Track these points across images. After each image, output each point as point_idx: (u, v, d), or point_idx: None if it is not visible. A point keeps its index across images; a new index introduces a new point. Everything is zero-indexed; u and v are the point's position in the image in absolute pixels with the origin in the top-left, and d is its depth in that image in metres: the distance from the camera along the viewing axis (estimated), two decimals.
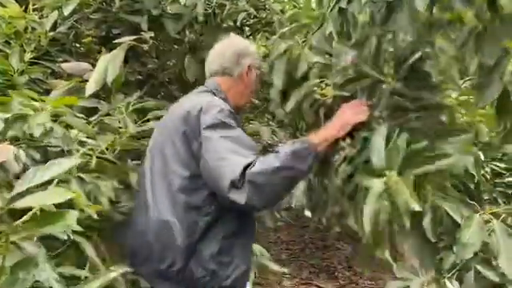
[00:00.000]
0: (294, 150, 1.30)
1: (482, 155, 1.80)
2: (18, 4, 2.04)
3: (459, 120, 1.50)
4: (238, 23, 2.52)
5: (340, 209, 1.82)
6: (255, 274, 1.84)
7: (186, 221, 1.36)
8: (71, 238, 1.19)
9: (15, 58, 1.79)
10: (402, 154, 1.20)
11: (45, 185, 1.08)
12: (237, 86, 1.57)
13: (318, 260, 3.83)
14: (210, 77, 1.60)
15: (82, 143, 1.57)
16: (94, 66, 1.84)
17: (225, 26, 2.63)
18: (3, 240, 0.67)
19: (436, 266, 1.30)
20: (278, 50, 1.58)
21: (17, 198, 0.74)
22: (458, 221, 1.19)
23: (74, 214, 0.70)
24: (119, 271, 1.31)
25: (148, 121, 1.82)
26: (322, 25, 1.63)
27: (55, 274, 0.72)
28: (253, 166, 1.26)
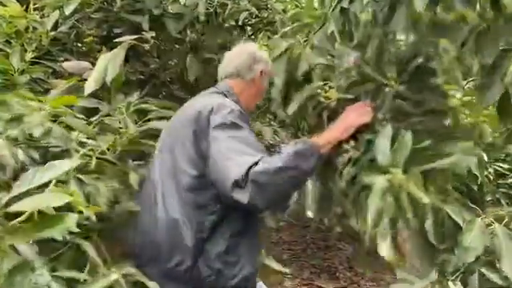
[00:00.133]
0: (297, 150, 1.30)
1: (485, 156, 1.79)
2: (19, 3, 2.04)
3: (463, 121, 1.49)
4: (240, 23, 2.51)
5: (342, 209, 1.82)
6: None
7: (194, 220, 1.37)
8: (71, 239, 1.18)
9: (16, 57, 1.78)
10: (406, 151, 1.19)
11: (42, 187, 1.08)
12: (249, 89, 1.60)
13: (320, 260, 3.82)
14: (223, 79, 1.63)
15: (83, 144, 1.56)
16: (94, 65, 1.83)
17: (226, 25, 2.62)
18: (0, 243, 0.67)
19: (439, 268, 1.29)
20: (279, 49, 1.57)
21: (15, 200, 0.74)
22: (460, 224, 1.18)
23: (73, 217, 0.69)
24: (120, 273, 1.30)
25: (149, 120, 1.81)
26: (323, 24, 1.62)
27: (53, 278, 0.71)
28: (256, 165, 1.26)
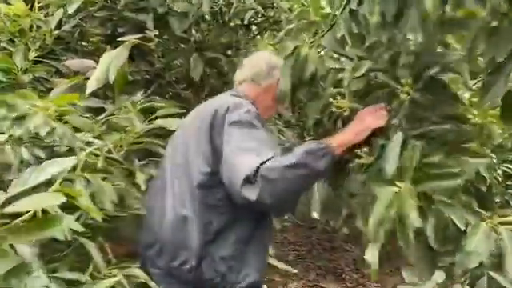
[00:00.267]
0: (309, 148, 1.29)
1: (494, 157, 1.76)
2: (24, 2, 2.03)
3: (471, 122, 1.46)
4: (246, 22, 2.49)
5: (348, 211, 1.79)
6: None
7: (202, 219, 1.37)
8: (75, 240, 1.17)
9: (19, 56, 1.78)
10: (412, 166, 1.17)
11: (46, 185, 1.06)
12: (264, 95, 1.59)
13: (326, 262, 3.79)
14: (239, 84, 1.63)
15: (89, 143, 1.55)
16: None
17: (232, 24, 2.61)
18: None
19: (446, 270, 1.27)
20: (286, 50, 1.55)
21: (12, 199, 0.72)
22: (462, 228, 1.15)
23: (70, 218, 0.67)
24: (122, 274, 1.29)
25: (156, 118, 1.79)
26: (332, 26, 1.59)
27: (50, 282, 0.69)
28: (268, 162, 1.25)
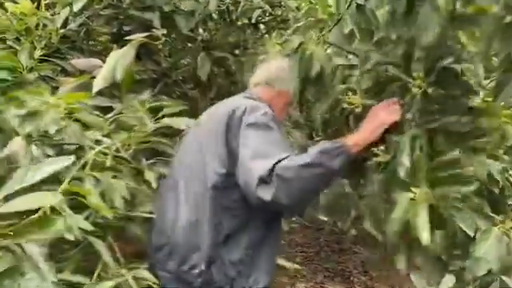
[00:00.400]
0: (324, 148, 1.28)
1: (507, 159, 1.71)
2: (31, 0, 2.02)
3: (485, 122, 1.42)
4: (253, 20, 2.47)
5: (356, 212, 1.77)
6: None
7: (214, 221, 1.36)
8: (83, 239, 1.16)
9: (24, 54, 1.77)
10: (424, 170, 1.15)
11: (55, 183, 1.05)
12: (277, 98, 1.59)
13: (334, 264, 3.75)
14: (253, 87, 1.63)
15: (98, 141, 1.54)
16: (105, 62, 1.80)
17: (239, 23, 2.58)
18: None
19: (456, 275, 1.24)
20: (291, 46, 1.52)
21: (9, 198, 0.70)
22: (471, 235, 1.11)
23: (63, 221, 0.66)
24: (130, 274, 1.28)
25: (163, 117, 1.77)
26: (338, 21, 1.57)
27: (48, 284, 0.67)
28: (283, 161, 1.24)
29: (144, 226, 1.50)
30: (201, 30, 2.48)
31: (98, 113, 1.62)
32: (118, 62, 1.75)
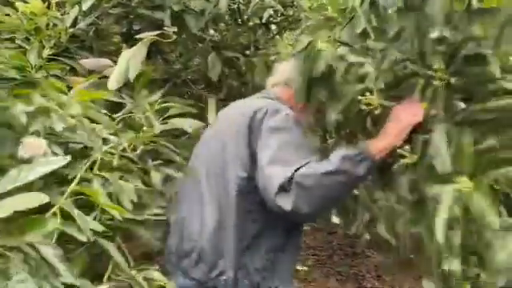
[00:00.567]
0: (347, 154, 1.24)
1: None
2: (42, 0, 2.02)
3: None
4: (264, 20, 2.43)
5: (370, 216, 1.72)
6: None
7: (238, 225, 1.35)
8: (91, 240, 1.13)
9: (33, 54, 1.75)
10: (469, 156, 1.08)
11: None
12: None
13: (346, 268, 3.69)
14: (271, 87, 1.62)
15: (105, 141, 1.52)
16: (115, 62, 1.79)
17: (250, 24, 2.55)
18: None
19: (473, 283, 1.18)
20: (300, 45, 1.48)
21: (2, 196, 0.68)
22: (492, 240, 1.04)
23: (54, 222, 0.63)
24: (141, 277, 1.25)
25: (170, 118, 1.75)
26: (350, 19, 1.53)
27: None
28: (303, 168, 1.22)
29: (150, 228, 1.48)
30: (212, 31, 2.46)
31: (105, 112, 1.59)
32: (129, 61, 1.73)
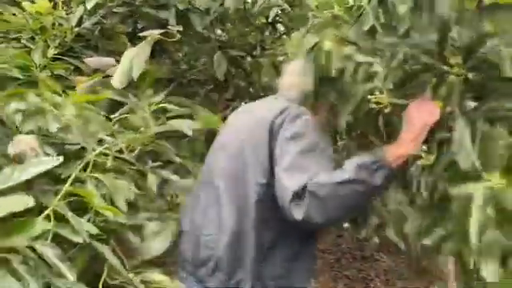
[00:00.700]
0: (363, 162, 1.19)
1: None
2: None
3: None
4: (270, 20, 2.40)
5: (379, 220, 1.68)
6: None
7: (256, 233, 1.31)
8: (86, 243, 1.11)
9: (38, 53, 1.75)
10: (501, 150, 1.01)
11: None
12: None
13: (355, 271, 3.64)
14: (287, 89, 1.57)
15: (101, 141, 1.49)
16: (119, 62, 1.77)
17: (257, 23, 2.53)
18: None
19: None
20: (307, 45, 1.44)
21: None
22: None
23: (42, 224, 0.61)
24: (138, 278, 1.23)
25: (173, 118, 1.72)
26: (358, 17, 1.49)
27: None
28: (317, 176, 1.18)
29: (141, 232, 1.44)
30: (219, 31, 2.43)
31: (103, 112, 1.58)
32: (133, 60, 1.71)
